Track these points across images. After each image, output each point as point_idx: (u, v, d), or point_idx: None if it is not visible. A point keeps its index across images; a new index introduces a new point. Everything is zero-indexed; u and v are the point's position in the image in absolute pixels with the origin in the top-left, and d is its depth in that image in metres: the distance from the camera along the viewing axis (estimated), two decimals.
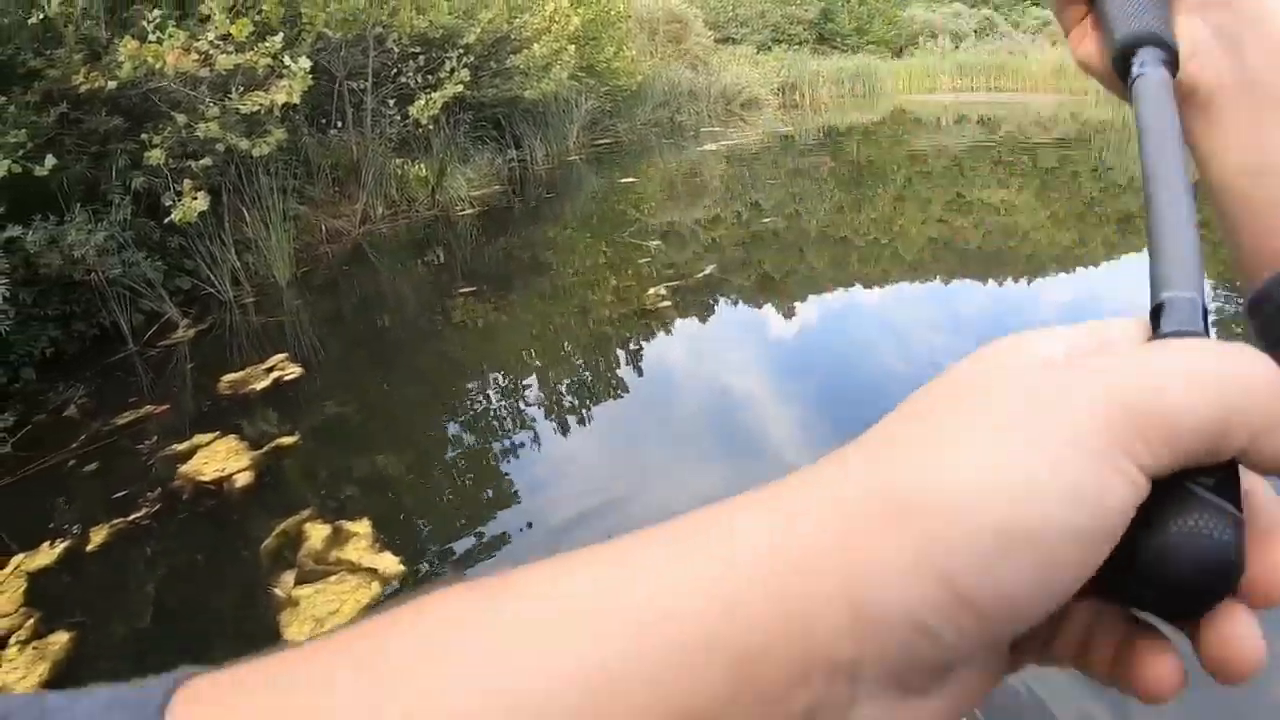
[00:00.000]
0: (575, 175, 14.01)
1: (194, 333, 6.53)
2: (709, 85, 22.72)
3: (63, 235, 5.62)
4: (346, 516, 3.64)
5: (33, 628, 3.11)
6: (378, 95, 10.37)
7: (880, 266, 7.62)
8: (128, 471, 4.29)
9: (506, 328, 6.51)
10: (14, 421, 4.97)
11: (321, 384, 5.44)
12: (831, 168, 13.61)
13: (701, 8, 29.32)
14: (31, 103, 5.75)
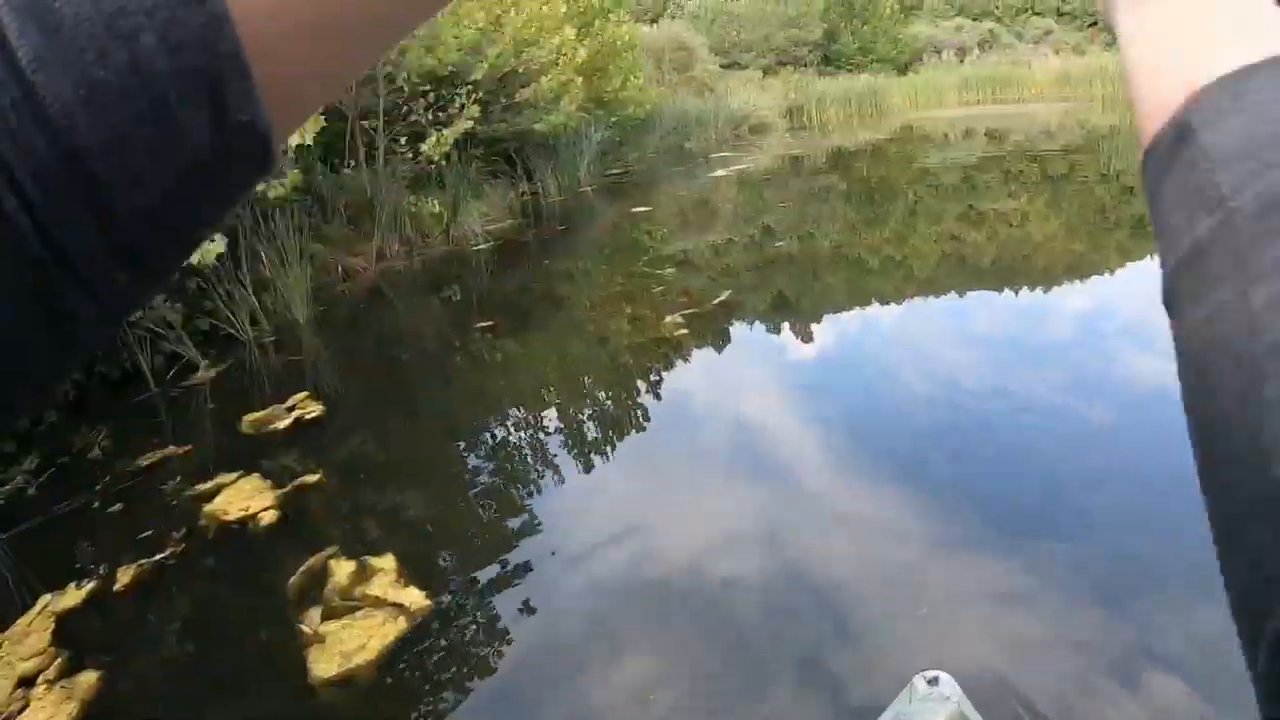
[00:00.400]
0: (588, 206, 14.07)
1: (215, 373, 6.57)
2: (717, 111, 22.81)
3: None
4: (371, 552, 3.64)
5: (61, 667, 3.12)
6: (389, 133, 10.47)
7: (894, 284, 7.61)
8: (152, 512, 4.31)
9: (525, 361, 6.52)
10: (38, 463, 5.02)
11: (343, 421, 5.46)
12: (842, 189, 13.63)
13: (706, 34, 29.53)
14: None
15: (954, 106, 28.80)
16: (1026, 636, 2.75)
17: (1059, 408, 4.47)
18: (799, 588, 3.14)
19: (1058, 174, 12.81)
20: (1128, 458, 3.89)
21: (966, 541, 3.33)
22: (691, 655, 2.84)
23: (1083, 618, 2.79)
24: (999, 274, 7.60)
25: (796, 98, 27.33)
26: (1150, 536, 3.23)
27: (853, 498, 3.81)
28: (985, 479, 3.84)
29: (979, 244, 8.76)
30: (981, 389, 4.89)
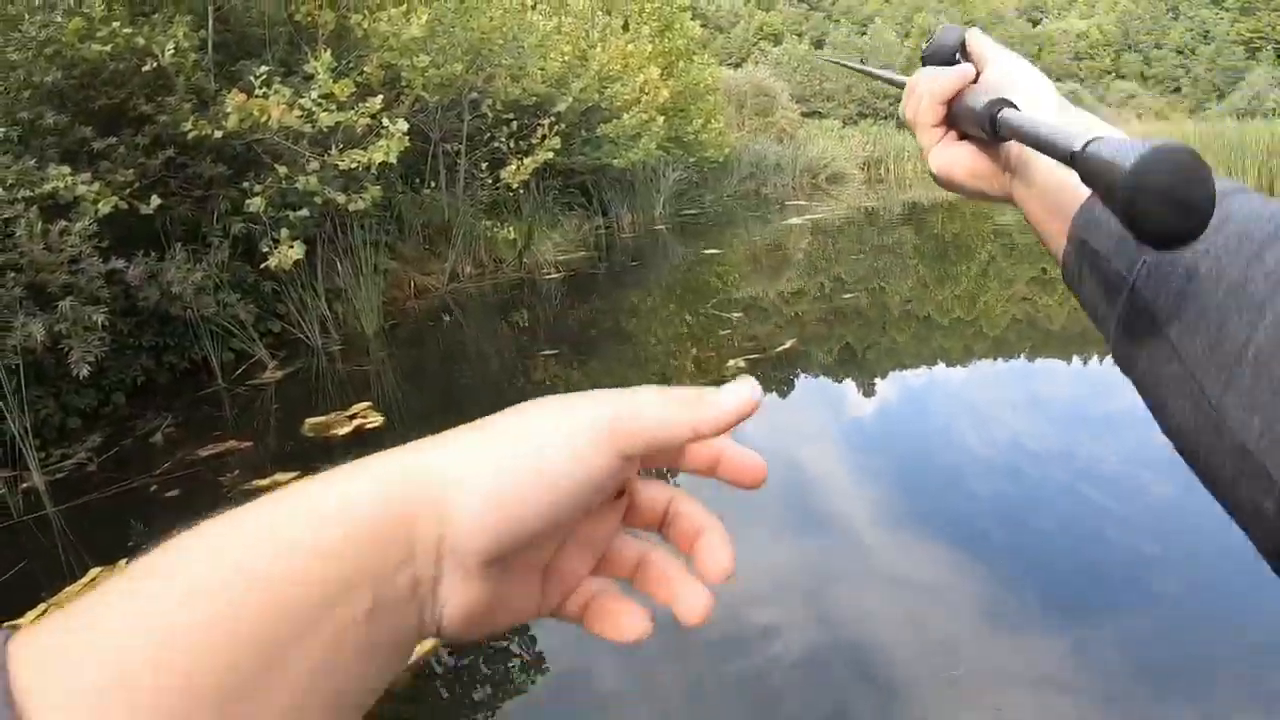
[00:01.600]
0: (660, 244, 14.13)
1: (281, 375, 6.69)
2: (795, 158, 22.86)
3: (162, 272, 5.85)
4: None
5: None
6: (471, 158, 10.64)
7: (962, 343, 7.52)
8: (208, 500, 4.37)
9: (586, 390, 6.53)
10: (101, 442, 5.16)
11: (402, 433, 5.47)
12: (915, 244, 13.55)
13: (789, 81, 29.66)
14: (141, 145, 6.03)
15: None
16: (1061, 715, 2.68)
17: (1122, 482, 4.35)
18: (836, 642, 3.09)
19: None
20: (1189, 540, 3.76)
21: (1013, 613, 3.25)
22: (719, 700, 2.81)
23: (1123, 706, 2.70)
24: (1068, 340, 7.47)
25: (875, 150, 27.30)
26: (1205, 627, 3.13)
27: (900, 557, 3.74)
28: (1039, 550, 3.75)
29: (1050, 308, 8.62)
30: (1044, 457, 4.79)
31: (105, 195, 5.37)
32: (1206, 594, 3.35)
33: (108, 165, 5.76)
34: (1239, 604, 3.26)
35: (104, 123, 6.06)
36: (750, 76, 25.88)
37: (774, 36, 42.99)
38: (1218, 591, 3.36)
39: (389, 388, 6.53)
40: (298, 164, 6.65)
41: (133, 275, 5.64)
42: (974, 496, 4.32)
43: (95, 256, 5.23)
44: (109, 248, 5.43)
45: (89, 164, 5.71)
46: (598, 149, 13.04)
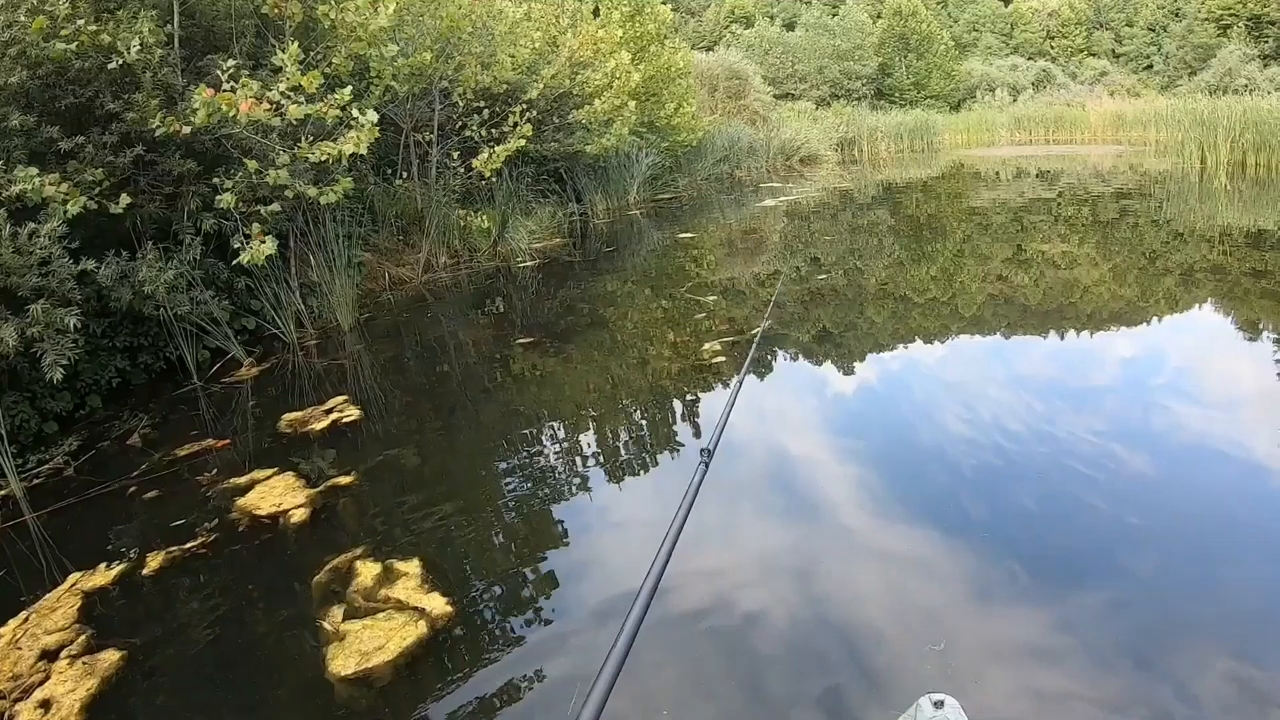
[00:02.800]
0: (635, 229, 14.13)
1: (257, 371, 6.68)
2: (768, 141, 22.89)
3: (134, 271, 5.81)
4: (398, 556, 3.67)
5: (84, 644, 3.18)
6: (442, 147, 10.59)
7: (939, 322, 7.55)
8: (186, 501, 4.37)
9: (564, 379, 6.54)
10: (78, 446, 5.14)
11: (379, 427, 5.51)
12: (890, 224, 13.59)
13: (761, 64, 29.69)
14: (109, 144, 5.97)
15: (1005, 145, 28.70)
16: (1044, 686, 2.71)
17: (1099, 456, 4.40)
18: (820, 617, 3.13)
19: (1108, 218, 12.69)
20: (1166, 512, 3.82)
21: (996, 586, 3.29)
22: (709, 676, 2.83)
23: (1106, 675, 2.73)
24: (1045, 317, 7.52)
25: (848, 131, 27.37)
26: (1184, 596, 3.18)
27: (883, 534, 3.78)
28: (1019, 524, 3.79)
29: (1025, 286, 8.67)
30: (1022, 433, 4.83)
31: (74, 195, 5.33)
32: (1185, 564, 3.41)
33: (76, 165, 5.71)
34: (1217, 573, 3.33)
35: (71, 122, 6.00)
36: (722, 60, 25.82)
37: (745, 19, 42.93)
38: (1197, 561, 3.42)
39: (366, 381, 6.51)
40: (268, 158, 6.60)
41: (104, 276, 5.59)
42: (954, 473, 4.36)
43: (65, 258, 5.18)
44: (79, 248, 5.38)
45: (57, 164, 5.66)
46: (570, 135, 13.00)
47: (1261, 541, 3.56)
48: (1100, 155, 22.85)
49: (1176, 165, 18.23)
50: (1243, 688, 2.65)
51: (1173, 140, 20.39)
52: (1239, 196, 13.72)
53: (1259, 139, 16.39)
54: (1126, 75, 40.78)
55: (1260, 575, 3.30)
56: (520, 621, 3.23)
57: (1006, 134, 30.25)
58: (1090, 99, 33.09)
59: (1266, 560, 3.41)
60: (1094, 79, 39.71)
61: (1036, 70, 39.21)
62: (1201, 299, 7.72)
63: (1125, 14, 42.92)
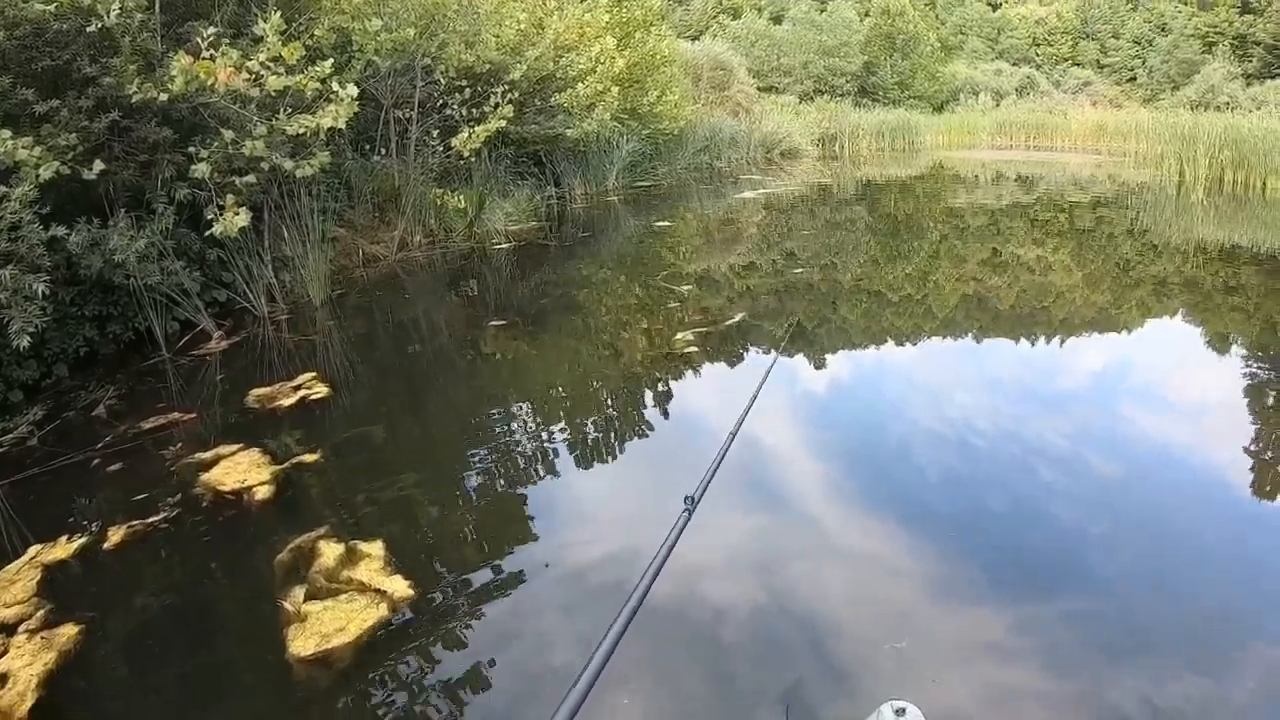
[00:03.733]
0: (612, 216, 14.10)
1: (226, 345, 6.62)
2: (750, 133, 22.87)
3: (105, 239, 5.74)
4: (361, 537, 3.66)
5: (43, 618, 3.15)
6: (422, 125, 10.51)
7: (913, 321, 7.59)
8: (150, 475, 4.34)
9: (536, 363, 6.53)
10: (43, 415, 5.08)
11: (348, 405, 5.48)
12: (868, 221, 13.64)
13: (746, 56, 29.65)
14: (85, 108, 5.88)
15: (986, 149, 28.82)
16: (1005, 687, 2.75)
17: (1067, 459, 4.46)
18: (785, 613, 3.14)
19: (1084, 226, 12.79)
20: (1129, 517, 3.87)
21: (959, 586, 3.32)
22: (670, 671, 2.84)
23: (1066, 676, 2.77)
24: (1018, 321, 7.59)
25: (830, 126, 27.42)
26: (1145, 600, 3.22)
27: (849, 531, 3.81)
28: (985, 525, 3.83)
29: (1000, 289, 8.74)
30: (991, 434, 4.88)
31: (47, 160, 5.24)
32: (1147, 569, 3.46)
33: (50, 129, 5.61)
34: (1178, 578, 3.39)
35: (47, 85, 5.90)
36: (708, 50, 25.76)
37: (733, 10, 42.80)
38: (1158, 566, 3.48)
39: (336, 358, 6.48)
40: (245, 128, 6.53)
41: (75, 243, 5.52)
42: (922, 472, 4.40)
43: (36, 223, 5.10)
44: (50, 214, 5.29)
45: (31, 127, 5.56)
46: (551, 119, 12.93)
47: (1221, 548, 3.63)
48: (1080, 163, 23.00)
49: (1155, 177, 18.38)
50: (1199, 691, 2.70)
51: (1152, 152, 20.57)
52: (1215, 211, 13.86)
53: (1237, 156, 16.56)
54: (1110, 86, 41.04)
55: (1219, 581, 3.36)
56: (482, 607, 3.23)
57: (988, 137, 30.40)
58: (1073, 107, 33.31)
59: (1225, 566, 3.48)
60: (1077, 88, 39.96)
61: (1021, 76, 39.39)
62: (1173, 310, 7.81)
63: (1112, 25, 43.15)
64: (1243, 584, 3.34)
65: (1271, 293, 8.26)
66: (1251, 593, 3.28)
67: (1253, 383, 5.73)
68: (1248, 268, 9.40)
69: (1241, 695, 2.70)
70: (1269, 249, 10.41)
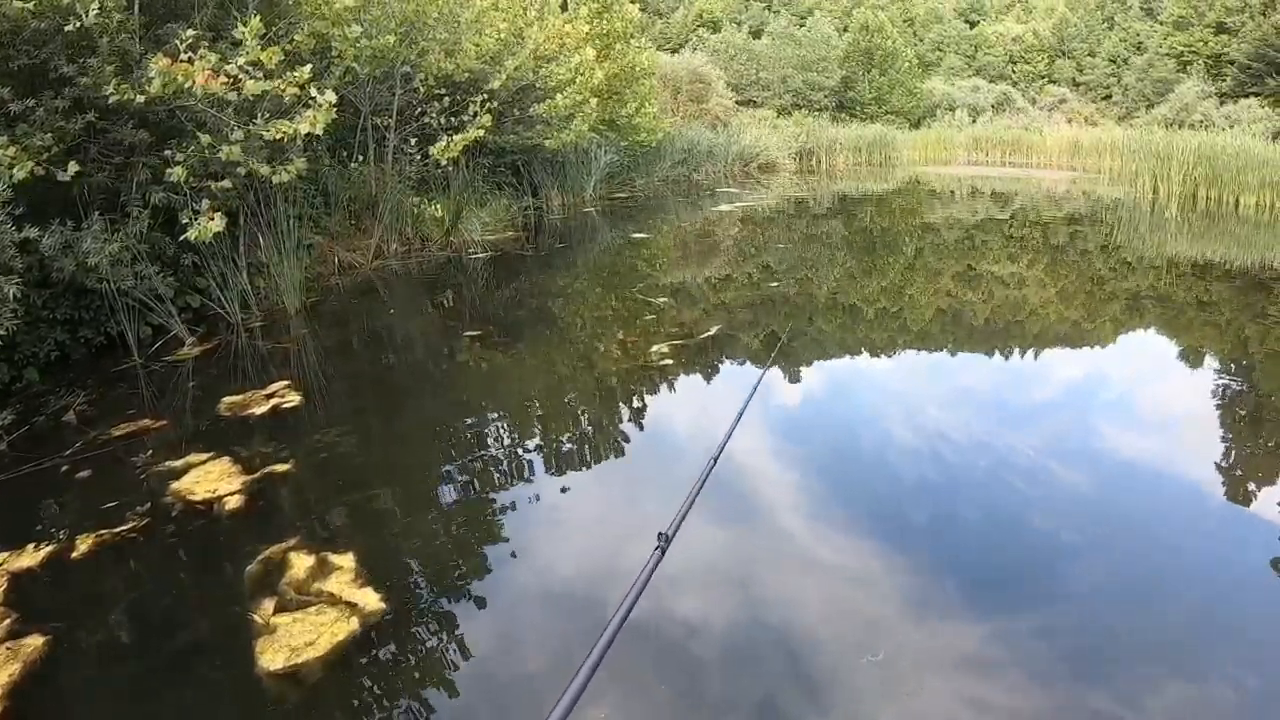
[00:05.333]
0: (589, 226, 14.11)
1: (199, 351, 6.58)
2: (728, 146, 22.97)
3: (78, 242, 5.69)
4: (332, 549, 3.63)
5: (9, 628, 3.11)
6: (400, 133, 10.50)
7: (887, 335, 7.63)
8: (120, 482, 4.29)
9: (511, 374, 6.52)
10: (12, 420, 5.02)
11: (321, 414, 5.45)
12: (844, 235, 13.71)
13: (725, 70, 29.76)
14: (60, 108, 5.83)
15: (962, 164, 29.04)
16: (978, 698, 2.76)
17: (1039, 473, 4.50)
18: (759, 626, 3.14)
19: (1059, 242, 12.92)
20: (1100, 529, 3.91)
21: (934, 599, 3.33)
22: (645, 685, 2.83)
23: (1039, 687, 2.79)
24: (992, 335, 7.65)
25: (808, 140, 27.54)
26: (1116, 611, 3.25)
27: (823, 542, 3.81)
28: (960, 537, 3.86)
29: (974, 303, 8.81)
30: (967, 447, 4.92)
31: (21, 160, 5.20)
32: (1118, 580, 3.50)
33: (25, 128, 5.57)
34: (1153, 589, 3.42)
35: (23, 84, 5.85)
36: (687, 62, 25.91)
37: (713, 24, 42.99)
38: (1129, 577, 3.52)
39: (310, 366, 6.44)
40: (222, 133, 6.49)
41: (47, 245, 5.47)
42: (896, 484, 4.43)
43: (8, 224, 5.05)
44: (23, 215, 5.24)
45: (6, 127, 5.52)
46: (530, 129, 12.95)
47: (1193, 560, 3.69)
48: (1054, 179, 23.23)
49: (1129, 194, 18.58)
50: (1174, 703, 2.72)
51: (1126, 169, 20.80)
52: (1188, 228, 14.03)
53: (1211, 173, 16.81)
54: (1085, 104, 41.43)
55: (1192, 593, 3.41)
56: (454, 621, 3.22)
57: (964, 153, 30.63)
58: (1048, 124, 33.64)
59: (1198, 578, 3.53)
60: (1053, 105, 40.32)
61: (997, 93, 39.71)
62: (1145, 325, 7.89)
63: (1088, 44, 43.57)
64: (1215, 596, 3.39)
65: (1243, 308, 8.38)
66: (1224, 604, 3.33)
67: (1224, 396, 5.80)
68: (1220, 283, 9.53)
69: (1216, 707, 2.73)
70: (1241, 264, 10.57)
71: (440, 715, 2.74)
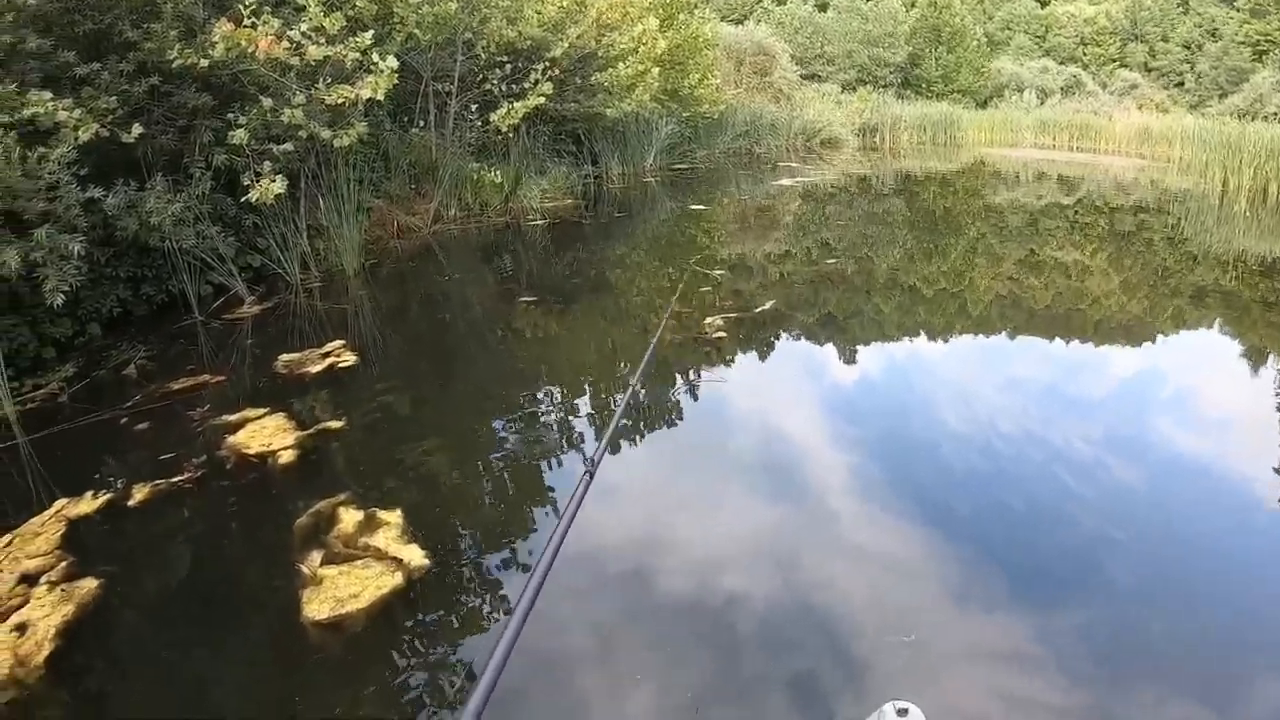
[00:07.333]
0: (649, 197, 14.06)
1: (258, 310, 6.68)
2: (790, 120, 22.74)
3: (142, 202, 5.79)
4: (381, 505, 3.68)
5: (65, 570, 3.19)
6: (461, 99, 10.53)
7: (945, 318, 7.52)
8: (177, 435, 4.38)
9: (565, 340, 6.53)
10: (74, 373, 5.15)
11: (375, 374, 5.50)
12: (905, 215, 13.53)
13: (790, 43, 29.43)
14: (125, 72, 5.92)
15: (1028, 147, 28.44)
16: (1010, 692, 2.72)
17: (1090, 468, 4.39)
18: (798, 605, 3.13)
19: (1124, 231, 12.60)
20: (1153, 530, 3.81)
21: (974, 587, 3.29)
22: (680, 656, 2.83)
23: (1074, 687, 2.74)
24: (1051, 323, 7.49)
25: (872, 117, 27.16)
26: (1161, 616, 3.17)
27: (868, 526, 3.78)
28: (1006, 527, 3.79)
29: (1035, 289, 8.64)
30: (1017, 435, 4.83)
31: (86, 122, 5.29)
32: (1166, 584, 3.41)
33: (90, 92, 5.66)
34: (1197, 596, 3.32)
35: (88, 48, 5.95)
36: (751, 34, 25.62)
37: None
38: (1177, 583, 3.42)
39: (366, 327, 6.51)
40: (284, 97, 6.56)
41: (111, 204, 5.57)
42: (944, 470, 4.36)
43: (74, 184, 5.16)
44: (88, 176, 5.34)
45: (71, 90, 5.61)
46: (591, 97, 12.91)
47: (1243, 567, 3.57)
48: (1122, 167, 22.66)
49: (1198, 185, 18.07)
50: (1209, 709, 2.66)
51: (1196, 160, 20.19)
52: (1257, 223, 13.61)
53: None
54: (1157, 90, 40.28)
55: (1238, 601, 3.30)
56: (496, 580, 3.24)
57: (1030, 136, 29.97)
58: (1118, 110, 32.76)
59: (1246, 587, 3.42)
60: (1124, 90, 39.26)
61: (1067, 76, 38.73)
62: (1209, 322, 7.67)
63: (1161, 28, 42.32)
64: (1264, 606, 3.29)
65: None
66: (1270, 615, 3.23)
67: None
68: None
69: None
70: None
71: (477, 671, 2.77)
